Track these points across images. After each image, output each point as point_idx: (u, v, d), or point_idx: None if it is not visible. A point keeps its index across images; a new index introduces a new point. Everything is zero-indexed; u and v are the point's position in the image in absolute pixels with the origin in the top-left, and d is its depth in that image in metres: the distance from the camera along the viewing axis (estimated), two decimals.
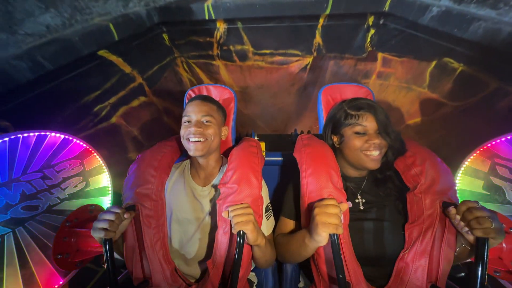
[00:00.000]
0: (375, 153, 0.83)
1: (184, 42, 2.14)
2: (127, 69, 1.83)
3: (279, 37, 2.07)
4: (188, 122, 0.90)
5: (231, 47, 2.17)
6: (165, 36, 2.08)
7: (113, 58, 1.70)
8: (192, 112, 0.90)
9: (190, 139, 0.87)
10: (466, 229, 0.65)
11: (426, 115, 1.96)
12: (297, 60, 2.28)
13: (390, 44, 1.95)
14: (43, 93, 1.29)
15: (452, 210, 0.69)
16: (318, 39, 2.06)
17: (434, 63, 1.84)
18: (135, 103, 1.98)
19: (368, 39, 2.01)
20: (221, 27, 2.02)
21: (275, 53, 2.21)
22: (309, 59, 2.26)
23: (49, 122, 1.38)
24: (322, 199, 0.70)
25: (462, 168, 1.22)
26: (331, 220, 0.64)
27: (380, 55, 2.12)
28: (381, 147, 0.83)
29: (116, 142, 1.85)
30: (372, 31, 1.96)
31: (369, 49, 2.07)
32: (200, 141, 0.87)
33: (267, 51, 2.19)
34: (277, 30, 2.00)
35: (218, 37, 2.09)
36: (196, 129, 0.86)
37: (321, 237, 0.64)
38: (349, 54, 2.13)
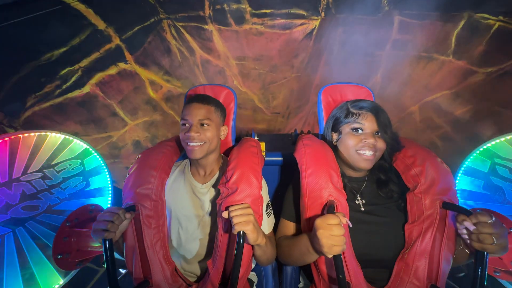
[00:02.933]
0: (368, 153, 0.82)
1: None
2: (100, 24, 1.54)
3: None
4: (186, 125, 0.91)
5: (225, 6, 1.85)
6: None
7: (81, 7, 1.41)
8: (190, 116, 0.90)
9: (189, 143, 0.88)
10: (467, 236, 0.66)
11: (449, 88, 1.72)
12: (301, 24, 1.95)
13: None
14: None
15: (461, 219, 0.67)
16: None
17: (462, 22, 1.57)
18: (113, 69, 1.72)
19: None
20: None
21: (277, 14, 1.88)
22: (315, 22, 1.94)
23: None
24: (324, 215, 0.67)
25: (462, 168, 1.22)
26: (337, 243, 0.63)
27: (397, 18, 1.81)
28: (376, 148, 0.83)
29: (92, 116, 1.64)
30: None
31: (386, 8, 1.78)
32: (198, 144, 0.88)
33: (267, 11, 1.87)
34: None
35: None
36: (194, 134, 0.87)
37: (329, 255, 0.64)
38: (362, 14, 1.82)
